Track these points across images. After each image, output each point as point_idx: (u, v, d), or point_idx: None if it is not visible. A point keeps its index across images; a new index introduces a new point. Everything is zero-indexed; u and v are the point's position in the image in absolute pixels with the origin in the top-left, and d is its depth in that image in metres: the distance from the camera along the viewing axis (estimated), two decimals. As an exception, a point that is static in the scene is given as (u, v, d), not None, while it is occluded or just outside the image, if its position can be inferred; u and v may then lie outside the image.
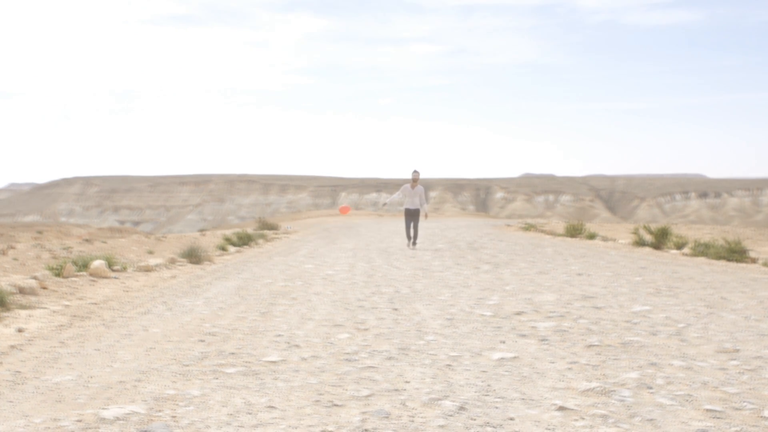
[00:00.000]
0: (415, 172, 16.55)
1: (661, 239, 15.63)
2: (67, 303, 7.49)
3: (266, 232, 24.03)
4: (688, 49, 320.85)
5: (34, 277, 8.45)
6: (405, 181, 16.73)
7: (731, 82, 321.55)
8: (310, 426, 3.59)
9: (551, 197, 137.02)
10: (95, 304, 7.58)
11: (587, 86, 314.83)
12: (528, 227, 26.64)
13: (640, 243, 16.20)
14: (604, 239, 19.08)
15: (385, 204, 18.16)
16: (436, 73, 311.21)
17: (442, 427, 3.58)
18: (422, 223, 24.62)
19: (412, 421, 3.66)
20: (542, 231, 24.48)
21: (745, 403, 3.89)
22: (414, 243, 16.52)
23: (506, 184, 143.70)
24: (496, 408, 3.87)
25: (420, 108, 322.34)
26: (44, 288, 8.09)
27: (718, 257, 12.72)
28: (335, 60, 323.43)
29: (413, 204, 16.55)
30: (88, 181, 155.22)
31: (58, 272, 9.20)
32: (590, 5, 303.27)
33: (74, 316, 6.81)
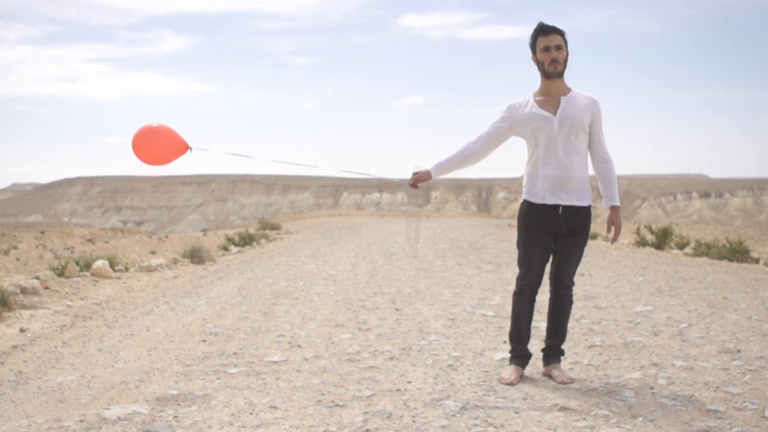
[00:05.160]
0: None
1: (662, 239, 15.60)
2: (69, 303, 7.50)
3: (268, 232, 24.03)
4: (689, 48, 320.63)
5: (37, 277, 8.47)
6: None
7: (734, 81, 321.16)
8: (312, 426, 3.60)
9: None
10: (98, 304, 7.60)
11: (587, 86, 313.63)
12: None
13: (642, 243, 16.18)
14: (606, 239, 19.05)
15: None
16: (436, 72, 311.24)
17: (444, 427, 3.58)
18: (424, 224, 24.65)
19: (414, 421, 3.67)
20: (544, 231, 24.45)
21: (747, 404, 3.89)
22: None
23: (508, 184, 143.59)
24: (498, 408, 3.88)
25: (420, 107, 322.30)
26: (47, 288, 8.11)
27: (721, 257, 12.70)
28: (336, 59, 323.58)
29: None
30: (90, 182, 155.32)
31: (61, 272, 9.22)
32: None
33: (77, 316, 6.83)
